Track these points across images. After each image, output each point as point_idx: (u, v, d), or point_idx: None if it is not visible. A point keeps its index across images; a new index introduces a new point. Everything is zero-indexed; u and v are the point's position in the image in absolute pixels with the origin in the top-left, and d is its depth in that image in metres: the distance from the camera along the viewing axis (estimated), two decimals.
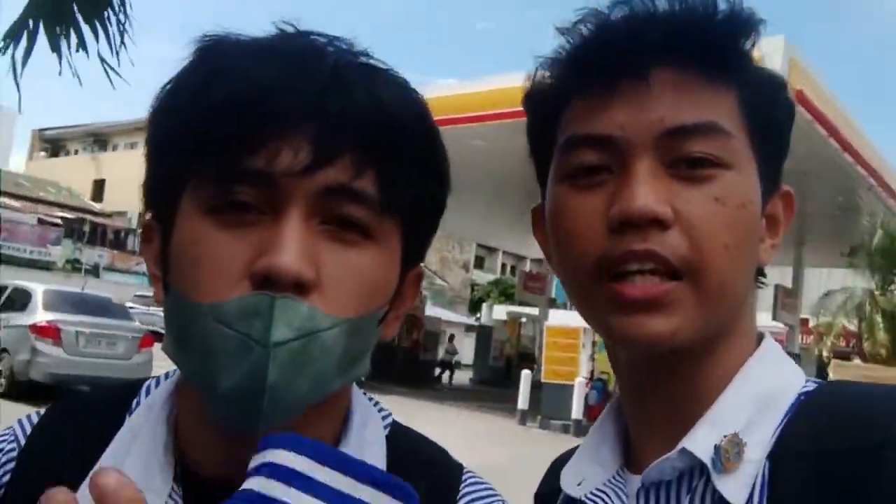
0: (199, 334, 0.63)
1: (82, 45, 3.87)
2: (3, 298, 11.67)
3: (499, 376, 24.03)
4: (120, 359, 11.12)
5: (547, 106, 0.76)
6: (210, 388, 0.64)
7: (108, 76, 3.95)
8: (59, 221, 36.97)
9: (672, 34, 0.69)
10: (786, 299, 16.71)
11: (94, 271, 35.04)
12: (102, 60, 3.91)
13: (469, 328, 38.78)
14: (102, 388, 0.83)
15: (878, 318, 16.54)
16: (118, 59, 3.95)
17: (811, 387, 0.71)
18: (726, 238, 0.67)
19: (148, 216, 0.74)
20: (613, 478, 0.77)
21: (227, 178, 0.64)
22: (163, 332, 0.76)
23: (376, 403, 0.83)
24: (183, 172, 0.67)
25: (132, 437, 0.73)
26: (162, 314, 0.71)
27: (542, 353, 16.78)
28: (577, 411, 14.45)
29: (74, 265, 34.92)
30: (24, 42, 3.75)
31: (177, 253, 0.67)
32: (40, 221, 35.76)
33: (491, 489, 0.82)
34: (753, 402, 0.69)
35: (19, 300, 11.51)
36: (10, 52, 3.74)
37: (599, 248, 0.68)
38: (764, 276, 0.78)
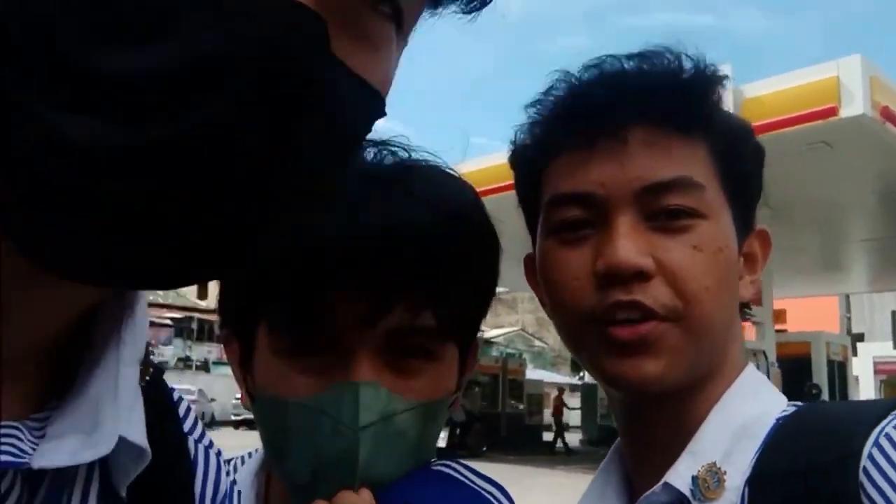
0: (294, 427, 0.69)
1: None
2: None
3: (608, 435, 23.26)
4: None
5: (530, 165, 0.82)
6: (305, 475, 0.69)
7: None
8: (168, 322, 38.71)
9: (643, 94, 0.74)
10: None
11: (205, 366, 36.34)
12: None
13: (573, 388, 38.00)
14: None
15: None
16: None
17: (790, 411, 0.73)
18: (706, 281, 0.72)
19: (225, 330, 0.80)
20: None
21: (299, 334, 0.70)
22: None
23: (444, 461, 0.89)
24: (257, 311, 0.73)
25: None
26: None
27: None
28: None
29: (186, 362, 36.33)
30: None
31: (262, 380, 0.73)
32: (151, 324, 37.49)
33: None
34: (731, 432, 0.72)
35: None
36: None
37: (588, 299, 0.73)
38: (749, 308, 0.83)
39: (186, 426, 0.59)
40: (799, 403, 0.76)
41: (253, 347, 0.74)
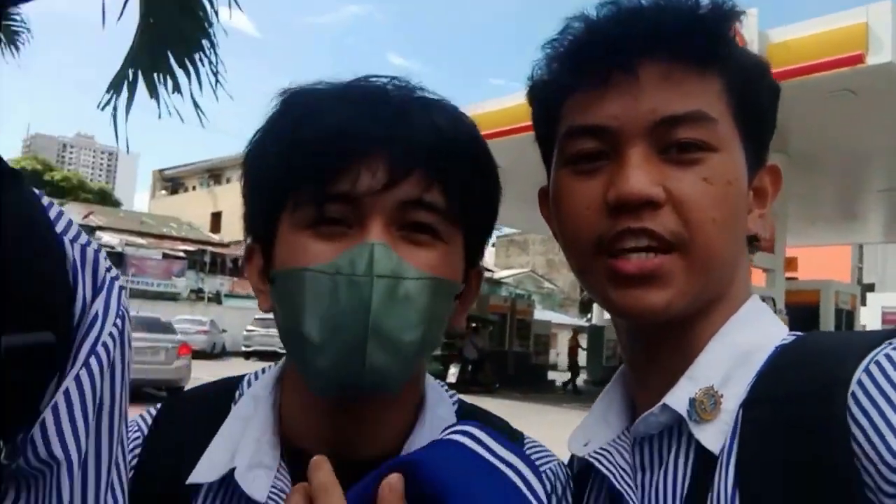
0: (311, 291, 0.76)
1: (177, 88, 4.09)
2: None
3: (613, 375, 23.55)
4: (161, 364, 13.87)
5: (547, 99, 0.84)
6: (319, 338, 0.75)
7: (199, 116, 4.17)
8: (181, 254, 39.11)
9: (658, 28, 0.74)
10: None
11: (217, 298, 36.84)
12: (195, 102, 4.13)
13: (580, 329, 38.34)
14: (207, 385, 0.98)
15: None
16: (216, 96, 4.16)
17: (790, 339, 0.75)
18: (714, 213, 0.73)
19: (249, 240, 0.88)
20: (618, 437, 0.83)
21: (321, 201, 0.78)
22: (282, 352, 0.88)
23: (443, 385, 0.96)
24: (280, 199, 0.80)
25: (244, 424, 0.86)
26: (278, 336, 0.84)
27: None
28: None
29: (198, 294, 36.83)
30: (125, 92, 4.00)
31: (282, 258, 0.80)
32: (165, 256, 37.92)
33: (548, 453, 0.92)
34: (731, 357, 0.75)
35: None
36: (112, 103, 3.99)
37: (598, 227, 0.75)
38: (758, 241, 0.83)
39: (59, 228, 0.63)
40: (799, 333, 0.77)
41: (274, 244, 0.81)
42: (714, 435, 0.72)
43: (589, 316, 38.32)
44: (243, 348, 29.12)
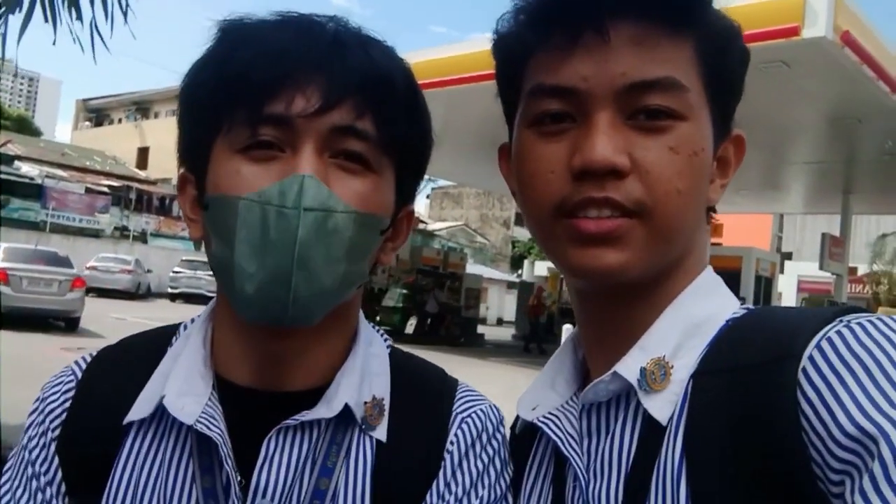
0: (242, 219, 0.77)
1: (78, 13, 3.90)
2: None
3: (542, 332, 24.06)
4: (55, 295, 15.06)
5: (512, 55, 0.81)
6: (248, 266, 0.76)
7: (94, 46, 3.98)
8: (106, 190, 37.76)
9: None
10: (833, 248, 16.34)
11: (142, 237, 35.85)
12: (94, 29, 3.95)
13: (511, 285, 38.86)
14: (145, 332, 0.99)
15: None
16: (133, 32, 3.98)
17: (740, 313, 0.76)
18: (678, 184, 0.72)
19: (182, 170, 0.89)
20: (567, 403, 0.83)
21: (255, 122, 0.78)
22: (210, 295, 0.85)
23: (378, 330, 0.98)
24: (214, 124, 0.81)
25: (174, 358, 0.87)
26: (206, 279, 0.81)
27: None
28: None
29: (123, 232, 35.74)
30: (24, 10, 3.79)
31: (215, 183, 0.81)
32: (88, 191, 36.55)
33: (482, 397, 0.95)
34: (682, 329, 0.75)
35: None
36: (3, 19, 3.78)
37: (560, 191, 0.74)
38: (715, 212, 0.83)
39: None
40: (751, 306, 0.78)
41: (208, 171, 0.82)
42: (662, 405, 0.72)
43: (519, 272, 38.89)
44: (169, 290, 28.53)
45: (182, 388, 0.84)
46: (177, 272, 28.10)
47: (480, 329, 25.75)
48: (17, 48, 3.90)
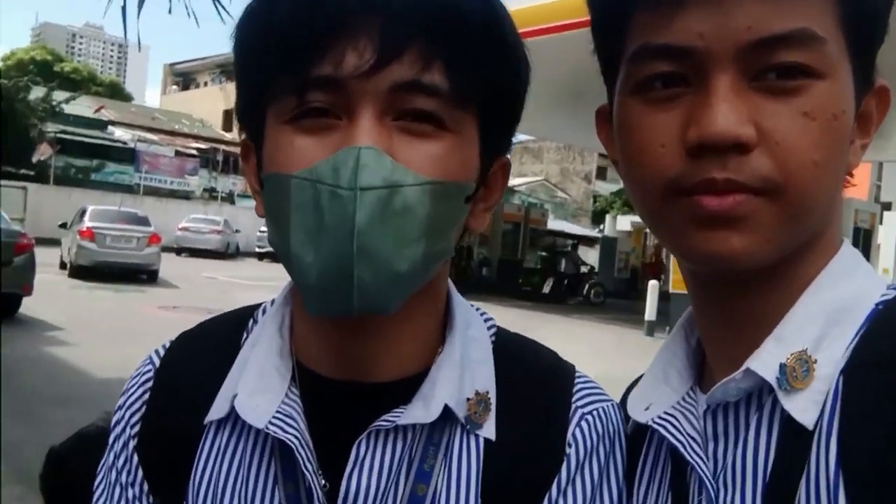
0: (295, 201, 0.66)
1: None
2: (76, 215, 18.78)
3: (625, 288, 23.75)
4: (134, 250, 17.35)
5: (614, 8, 0.69)
6: (304, 254, 0.66)
7: (218, 10, 4.04)
8: (194, 153, 38.96)
9: None
10: None
11: (230, 198, 36.94)
12: None
13: (593, 241, 38.37)
14: (223, 315, 0.90)
15: None
16: None
17: (890, 295, 0.65)
18: (815, 155, 0.61)
19: (243, 137, 0.78)
20: (683, 399, 0.73)
21: (300, 88, 0.67)
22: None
23: (479, 309, 0.86)
24: (263, 90, 0.70)
25: (252, 347, 0.79)
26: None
27: (669, 262, 16.40)
28: None
29: (211, 193, 36.90)
30: None
31: (269, 157, 0.71)
32: (177, 154, 37.80)
33: (603, 391, 0.83)
34: (824, 316, 0.64)
35: (80, 215, 18.37)
36: None
37: (674, 168, 0.63)
38: (852, 176, 0.71)
39: None
40: None
41: (263, 142, 0.72)
42: (806, 406, 0.62)
43: (601, 227, 38.31)
44: (257, 249, 29.44)
45: (256, 384, 0.75)
46: (263, 231, 28.71)
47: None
48: (138, 22, 3.98)
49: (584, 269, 22.53)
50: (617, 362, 10.31)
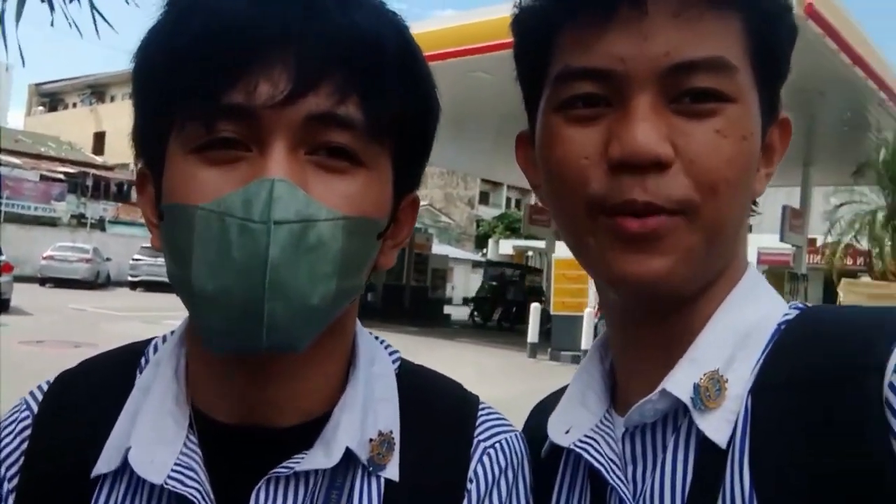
0: (200, 235, 0.63)
1: None
2: None
3: (505, 309, 24.16)
4: None
5: (537, 32, 0.72)
6: (207, 290, 0.63)
7: (96, 24, 3.87)
8: (61, 177, 36.86)
9: None
10: (794, 220, 16.61)
11: (100, 225, 35.13)
12: (93, 7, 3.83)
13: (476, 264, 38.95)
14: (108, 353, 0.84)
15: (887, 236, 16.48)
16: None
17: (791, 315, 0.69)
18: (727, 173, 0.65)
19: (140, 165, 0.74)
20: (601, 422, 0.75)
21: (209, 116, 0.64)
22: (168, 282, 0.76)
23: (383, 342, 0.84)
24: (166, 116, 0.67)
25: (144, 392, 0.74)
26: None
27: (550, 285, 16.86)
28: (586, 342, 14.57)
29: (80, 220, 34.98)
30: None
31: (169, 188, 0.67)
32: (43, 178, 35.65)
33: (507, 421, 0.83)
34: (733, 337, 0.68)
35: None
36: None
37: (596, 183, 0.66)
38: (756, 205, 0.76)
39: None
40: (800, 305, 0.71)
41: (163, 171, 0.68)
42: (719, 425, 0.64)
43: (484, 251, 38.98)
44: (129, 278, 28.05)
45: (150, 434, 0.70)
46: (137, 260, 27.59)
47: (447, 309, 25.80)
48: (17, 37, 3.71)
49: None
50: (501, 385, 10.45)
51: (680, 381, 0.67)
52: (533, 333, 15.49)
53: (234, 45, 0.63)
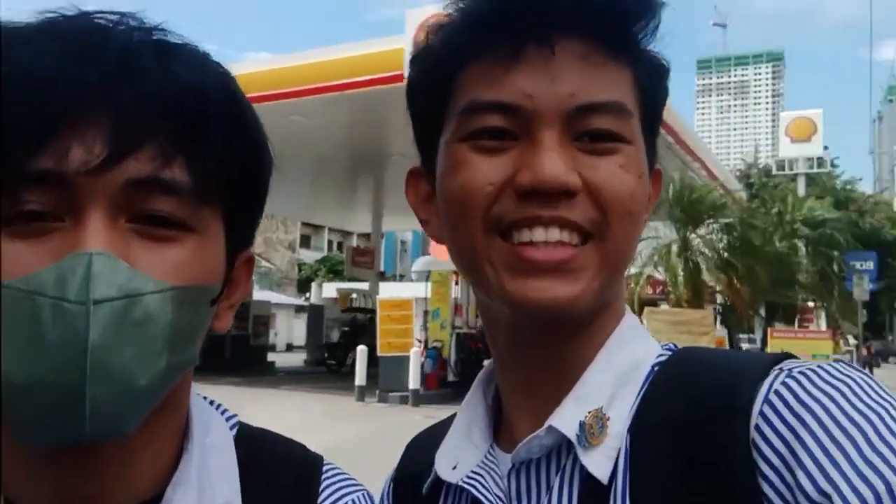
0: (6, 317, 0.56)
1: None
2: None
3: (334, 354, 23.88)
4: None
5: (441, 67, 0.73)
6: (17, 378, 0.55)
7: None
8: None
9: (580, 3, 0.68)
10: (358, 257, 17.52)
11: None
12: None
13: (299, 309, 38.25)
14: None
15: (679, 266, 17.99)
16: None
17: (664, 357, 0.73)
18: (630, 205, 0.69)
19: None
20: (486, 457, 0.76)
21: (16, 186, 0.57)
22: None
23: (219, 407, 0.78)
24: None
25: None
26: None
27: (376, 326, 16.88)
28: (414, 381, 14.69)
29: None
30: None
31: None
32: None
33: (353, 481, 0.80)
34: (614, 377, 0.71)
35: None
36: None
37: (499, 207, 0.68)
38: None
39: None
40: (671, 346, 0.75)
41: None
42: (601, 461, 0.66)
43: (307, 295, 38.38)
44: None
45: None
46: None
47: (270, 357, 25.06)
48: None
49: None
50: (329, 430, 10.27)
51: (566, 419, 0.69)
52: (360, 376, 15.38)
53: (40, 105, 0.57)
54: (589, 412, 0.68)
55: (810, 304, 29.32)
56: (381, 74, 13.11)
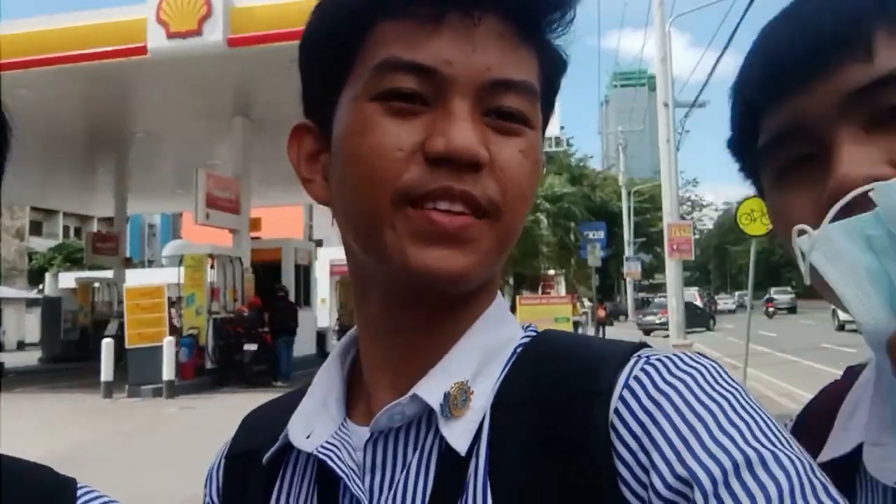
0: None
1: None
2: None
3: (75, 350, 21.98)
4: None
5: (350, 19, 0.71)
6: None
7: None
8: None
9: None
10: None
11: None
12: None
13: (32, 302, 34.66)
14: None
15: None
16: None
17: (527, 339, 0.77)
18: (526, 190, 0.71)
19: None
20: (339, 429, 0.76)
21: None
22: None
23: None
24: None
25: None
26: None
27: (124, 317, 15.76)
28: (168, 372, 13.99)
29: None
30: None
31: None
32: None
33: (110, 500, 0.75)
34: (481, 353, 0.73)
35: None
36: None
37: (408, 175, 0.67)
38: None
39: None
40: (534, 329, 0.78)
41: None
42: (462, 434, 0.68)
43: (41, 287, 34.77)
44: None
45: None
46: None
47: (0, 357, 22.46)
48: None
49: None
50: (73, 433, 9.47)
51: (432, 389, 0.70)
52: (107, 371, 14.30)
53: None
54: (455, 384, 0.70)
55: (552, 272, 32.04)
56: (121, 46, 12.18)
